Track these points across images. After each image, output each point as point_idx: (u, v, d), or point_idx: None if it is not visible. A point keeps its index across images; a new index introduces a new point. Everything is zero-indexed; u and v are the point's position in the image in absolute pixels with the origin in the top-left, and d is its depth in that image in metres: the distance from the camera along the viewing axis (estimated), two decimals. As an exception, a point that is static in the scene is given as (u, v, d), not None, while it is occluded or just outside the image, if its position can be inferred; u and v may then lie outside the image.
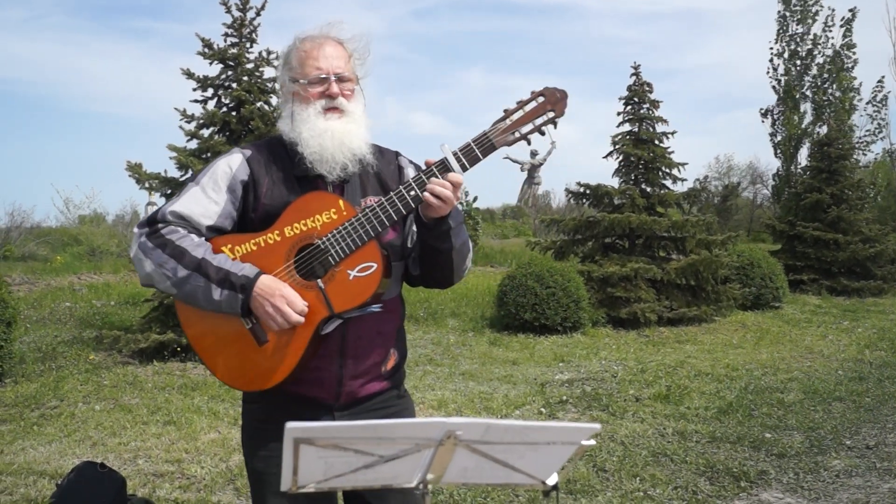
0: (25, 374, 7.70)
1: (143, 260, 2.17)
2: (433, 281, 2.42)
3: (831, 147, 17.74)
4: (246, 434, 2.41)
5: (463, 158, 2.19)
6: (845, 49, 27.30)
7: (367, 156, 2.30)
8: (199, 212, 2.22)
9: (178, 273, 2.13)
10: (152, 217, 2.24)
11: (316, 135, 2.23)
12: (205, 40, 9.30)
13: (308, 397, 2.27)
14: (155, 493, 4.77)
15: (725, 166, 33.79)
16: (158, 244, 2.16)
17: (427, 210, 2.19)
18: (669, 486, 4.96)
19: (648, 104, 13.35)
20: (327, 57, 2.29)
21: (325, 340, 2.21)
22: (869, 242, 16.81)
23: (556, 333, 10.84)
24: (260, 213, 2.25)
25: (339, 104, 2.28)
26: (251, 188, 2.26)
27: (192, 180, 2.30)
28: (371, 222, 2.15)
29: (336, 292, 2.14)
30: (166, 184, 9.14)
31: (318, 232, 2.17)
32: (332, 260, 2.16)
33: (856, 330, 11.92)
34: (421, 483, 1.76)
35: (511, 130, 2.22)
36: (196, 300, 2.15)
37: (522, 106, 2.24)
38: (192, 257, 2.13)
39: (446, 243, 2.27)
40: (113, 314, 10.67)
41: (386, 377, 2.38)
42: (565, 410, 6.97)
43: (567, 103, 2.26)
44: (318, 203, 2.19)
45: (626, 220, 12.31)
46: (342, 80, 2.30)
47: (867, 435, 6.15)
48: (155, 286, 2.20)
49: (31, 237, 18.37)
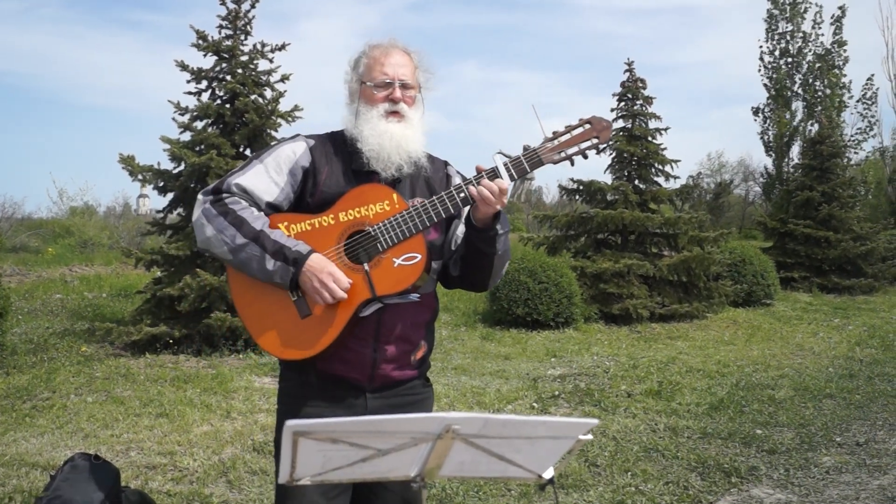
0: (17, 366, 7.67)
1: (205, 225, 2.32)
2: (470, 283, 2.57)
3: (823, 145, 17.81)
4: (281, 410, 2.53)
5: (512, 169, 2.35)
6: (836, 46, 27.40)
7: (421, 160, 2.46)
8: (261, 188, 2.37)
9: (237, 240, 2.27)
10: (217, 186, 2.38)
11: (376, 134, 2.38)
12: (199, 32, 9.27)
13: (342, 377, 2.39)
14: (147, 485, 4.77)
15: (717, 163, 33.96)
16: (221, 211, 2.31)
17: (476, 212, 2.34)
18: (661, 482, 4.98)
19: (642, 100, 13.37)
20: (393, 64, 2.45)
21: (363, 324, 2.33)
22: (860, 240, 16.90)
23: (548, 329, 10.87)
24: (317, 198, 2.39)
25: (400, 109, 2.44)
26: (311, 175, 2.41)
27: (256, 157, 2.43)
28: (420, 217, 2.30)
29: (380, 277, 2.29)
30: (159, 176, 9.11)
31: (370, 220, 2.32)
32: (380, 247, 2.30)
33: (846, 327, 11.98)
34: (418, 476, 1.77)
35: (558, 150, 2.39)
36: (250, 268, 2.29)
37: (570, 130, 2.42)
38: (252, 228, 2.28)
39: (492, 248, 2.41)
40: (105, 306, 10.65)
41: (415, 366, 2.51)
42: (557, 405, 6.99)
43: (611, 132, 2.44)
44: (374, 194, 2.34)
45: (619, 216, 12.34)
46: (406, 87, 2.46)
47: (857, 432, 6.18)
48: (211, 250, 2.33)
49: (22, 228, 18.30)
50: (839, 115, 27.23)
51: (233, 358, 8.46)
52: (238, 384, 7.29)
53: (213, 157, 8.60)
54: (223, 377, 7.45)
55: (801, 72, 27.90)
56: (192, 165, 8.72)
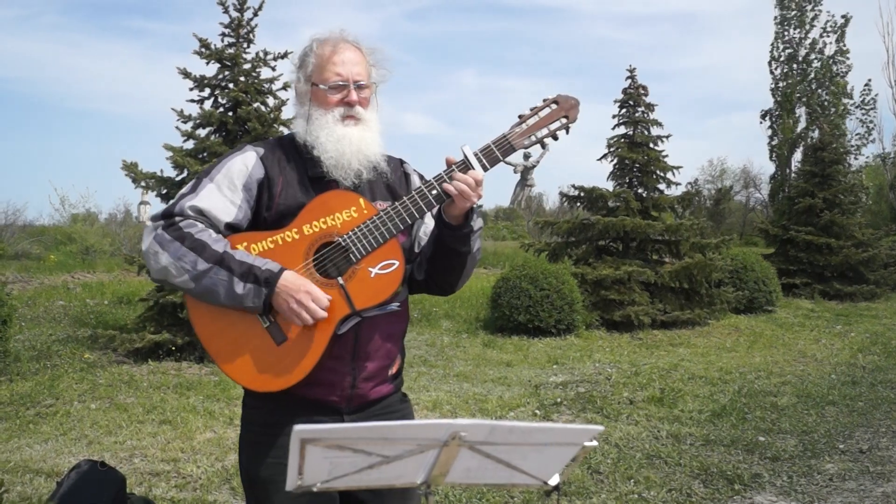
0: (21, 373, 7.69)
1: (159, 253, 2.10)
2: (437, 286, 2.41)
3: (825, 151, 17.83)
4: (248, 440, 2.34)
5: (483, 159, 2.22)
6: (839, 54, 27.46)
7: (381, 163, 2.30)
8: (219, 207, 2.17)
9: (199, 266, 2.07)
10: (168, 210, 2.17)
11: (334, 140, 2.23)
12: (202, 40, 9.30)
13: (319, 400, 2.23)
14: (151, 491, 4.77)
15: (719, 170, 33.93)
16: (176, 237, 2.10)
17: (451, 208, 2.21)
18: (664, 489, 4.98)
19: (643, 107, 13.39)
20: (346, 63, 2.27)
21: (339, 342, 2.18)
22: (862, 247, 16.90)
23: (549, 335, 10.87)
24: (274, 211, 2.21)
25: (356, 112, 2.27)
26: (265, 187, 2.22)
27: (205, 176, 2.23)
28: (393, 220, 2.16)
29: (357, 290, 2.14)
30: (162, 183, 9.14)
31: (338, 230, 2.16)
32: (353, 258, 2.15)
33: (849, 334, 11.98)
34: (424, 483, 1.78)
35: (528, 134, 2.28)
36: (215, 295, 2.09)
37: (537, 112, 2.30)
38: (214, 251, 2.08)
39: (465, 246, 2.28)
40: (107, 313, 10.66)
41: (391, 380, 2.37)
42: (559, 412, 6.99)
43: (579, 110, 2.33)
44: (338, 201, 2.18)
45: (621, 223, 12.36)
46: (360, 87, 2.29)
47: (860, 439, 6.18)
48: (169, 280, 2.13)
49: (24, 235, 18.32)
50: (842, 122, 27.28)
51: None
52: (240, 391, 7.26)
53: (215, 164, 8.61)
54: (226, 384, 7.45)
55: (807, 79, 27.94)
56: (195, 173, 8.74)
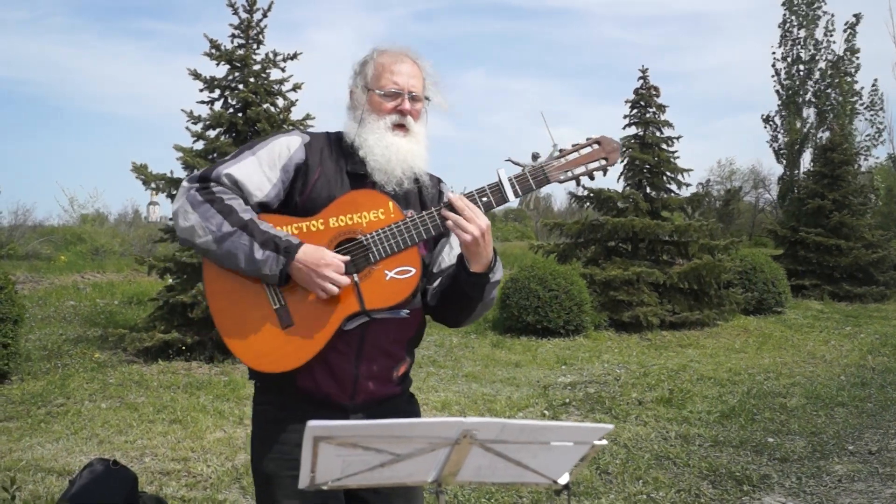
0: (32, 372, 7.74)
1: (189, 212, 2.16)
2: (442, 318, 2.44)
3: (834, 152, 17.77)
4: (257, 436, 2.37)
5: (517, 185, 2.26)
6: (849, 54, 27.33)
7: (423, 176, 2.35)
8: (254, 182, 2.23)
9: (223, 228, 2.12)
10: (205, 174, 2.23)
11: (383, 146, 2.27)
12: (212, 41, 9.33)
13: (323, 397, 2.26)
14: (162, 490, 4.80)
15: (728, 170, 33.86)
16: (207, 199, 2.16)
17: (466, 252, 2.21)
18: (672, 490, 4.98)
19: (655, 108, 13.37)
20: (404, 74, 2.33)
21: (345, 338, 2.20)
22: (871, 248, 16.84)
23: (558, 336, 10.87)
24: (305, 198, 2.26)
25: (407, 123, 2.32)
26: (302, 172, 2.27)
27: (248, 149, 2.29)
28: (417, 228, 2.19)
29: (370, 290, 2.16)
30: (172, 184, 9.17)
31: (362, 228, 2.19)
32: (371, 258, 2.18)
33: (858, 335, 11.94)
34: (435, 482, 1.79)
35: (565, 169, 2.30)
36: (235, 258, 2.13)
37: (578, 149, 2.32)
38: (240, 217, 2.14)
39: (479, 294, 2.29)
40: (117, 313, 10.71)
41: (397, 383, 2.38)
42: (568, 413, 6.99)
43: (620, 153, 2.35)
44: (368, 200, 2.21)
45: (630, 223, 12.34)
46: (414, 99, 2.34)
47: (870, 440, 6.17)
48: (193, 240, 2.17)
49: (34, 236, 18.39)
50: (851, 123, 27.16)
51: (245, 365, 8.48)
52: (250, 391, 7.32)
53: (226, 165, 8.65)
54: (235, 384, 7.48)
55: (814, 79, 27.82)
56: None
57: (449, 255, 2.41)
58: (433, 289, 2.39)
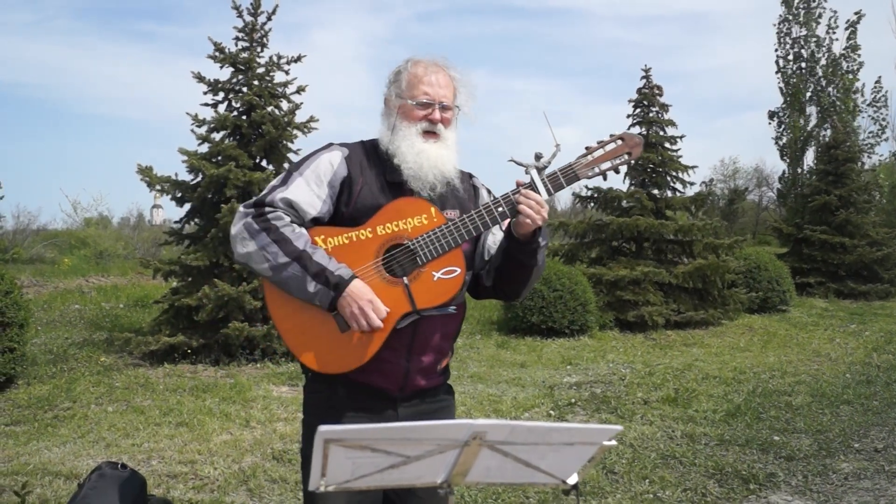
0: (38, 376, 7.76)
1: (247, 240, 2.31)
2: (503, 293, 2.58)
3: (839, 150, 17.75)
4: (308, 424, 2.50)
5: (549, 184, 2.42)
6: (850, 51, 27.28)
7: (454, 179, 2.48)
8: (306, 202, 2.36)
9: (279, 259, 2.26)
10: (260, 199, 2.36)
11: (414, 153, 2.41)
12: (216, 44, 9.35)
13: (375, 388, 2.39)
14: (169, 493, 4.82)
15: (731, 169, 33.83)
16: (264, 227, 2.30)
17: (519, 227, 2.37)
18: (679, 489, 4.99)
19: (658, 108, 13.36)
20: (434, 84, 2.47)
21: (398, 335, 2.34)
22: (876, 246, 16.82)
23: (563, 336, 10.87)
24: (351, 209, 2.39)
25: (437, 130, 2.46)
26: (347, 185, 2.40)
27: (295, 170, 2.42)
28: (459, 230, 2.34)
29: (420, 291, 2.32)
30: (177, 187, 9.19)
31: (408, 234, 2.34)
32: (419, 261, 2.33)
33: (863, 333, 11.93)
34: (445, 483, 1.80)
35: (592, 166, 2.47)
36: (289, 287, 2.28)
37: (603, 146, 2.48)
38: (294, 247, 2.27)
39: (532, 259, 2.45)
40: (122, 316, 10.73)
41: (440, 374, 2.56)
42: (574, 413, 7.00)
43: (642, 148, 2.50)
44: (412, 207, 2.36)
45: (635, 223, 12.35)
46: (444, 108, 2.48)
47: (875, 438, 6.17)
48: (250, 265, 2.32)
49: (38, 240, 18.44)
50: (853, 120, 27.12)
51: (250, 367, 8.51)
52: (256, 393, 7.34)
53: (231, 168, 8.67)
54: (241, 386, 7.50)
55: (815, 77, 27.78)
56: (210, 177, 8.79)
57: (493, 240, 2.58)
58: (486, 270, 2.56)
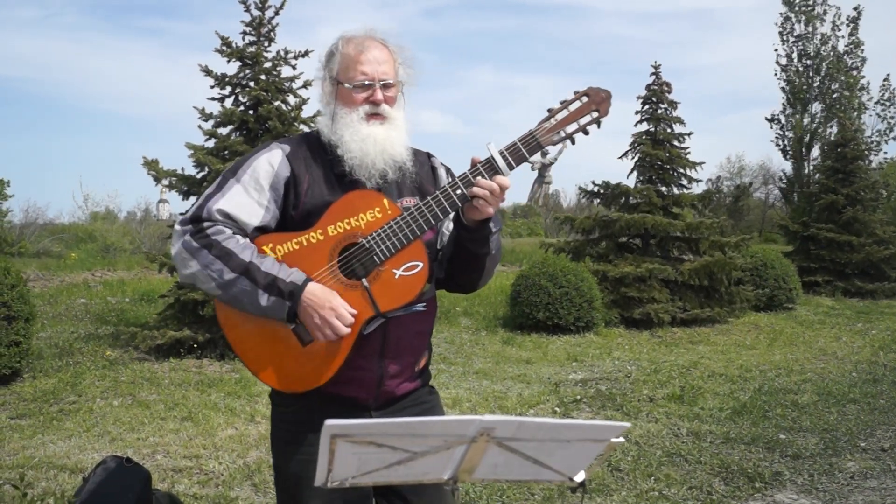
0: (43, 370, 7.77)
1: (189, 260, 2.11)
2: (458, 285, 2.40)
3: (846, 148, 17.66)
4: (279, 437, 2.35)
5: (509, 157, 2.16)
6: (852, 48, 27.15)
7: (406, 163, 2.27)
8: (246, 211, 2.16)
9: (225, 276, 2.07)
10: (196, 214, 2.16)
11: (358, 139, 2.20)
12: (224, 38, 9.34)
13: (347, 397, 2.24)
14: (174, 487, 4.82)
15: (737, 166, 33.68)
16: (204, 244, 2.10)
17: (470, 212, 2.17)
18: (684, 486, 4.98)
19: (667, 104, 13.33)
20: (372, 62, 2.23)
21: (366, 341, 2.17)
22: (883, 244, 16.74)
23: (568, 333, 10.85)
24: (300, 211, 2.19)
25: (382, 111, 2.24)
26: (292, 186, 2.20)
27: (231, 176, 2.22)
28: (416, 221, 2.13)
29: (381, 292, 2.12)
30: (184, 181, 9.19)
31: (361, 231, 2.14)
32: (376, 259, 2.13)
33: (870, 332, 11.89)
34: (451, 479, 1.79)
35: (556, 130, 2.20)
36: (241, 304, 2.10)
37: (567, 105, 2.21)
38: (240, 260, 2.08)
39: (484, 248, 2.24)
40: (128, 311, 10.73)
41: (418, 376, 2.37)
42: (579, 410, 6.99)
43: (611, 103, 2.24)
44: (362, 201, 2.16)
45: (642, 220, 12.31)
46: (386, 86, 2.25)
47: (882, 437, 6.15)
48: (198, 286, 2.14)
49: (44, 234, 18.46)
50: (859, 117, 27.00)
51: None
52: (261, 388, 7.33)
53: (237, 163, 8.66)
54: (247, 381, 7.50)
55: (820, 74, 27.64)
56: (216, 172, 8.78)
57: (448, 228, 2.36)
58: (437, 261, 2.34)
